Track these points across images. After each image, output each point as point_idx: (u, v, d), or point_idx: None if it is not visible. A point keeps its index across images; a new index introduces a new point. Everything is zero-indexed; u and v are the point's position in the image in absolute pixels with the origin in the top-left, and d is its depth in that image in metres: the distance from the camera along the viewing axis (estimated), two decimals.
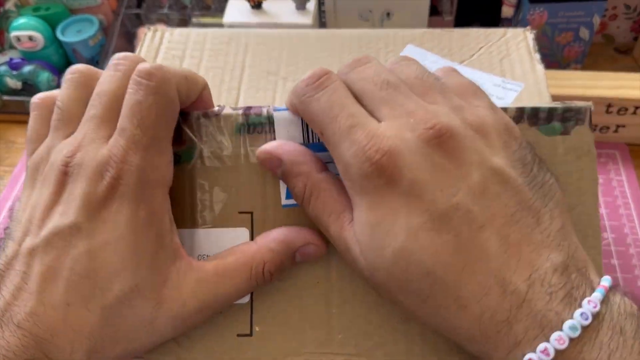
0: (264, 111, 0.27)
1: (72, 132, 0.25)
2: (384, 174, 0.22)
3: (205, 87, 0.28)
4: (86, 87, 0.26)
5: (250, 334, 0.27)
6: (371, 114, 0.24)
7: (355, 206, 0.23)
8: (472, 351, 0.22)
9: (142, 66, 0.25)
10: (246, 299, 0.27)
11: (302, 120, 0.27)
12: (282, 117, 0.27)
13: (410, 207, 0.22)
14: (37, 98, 0.27)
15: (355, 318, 0.27)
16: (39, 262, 0.23)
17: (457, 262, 0.21)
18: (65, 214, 0.23)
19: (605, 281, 0.22)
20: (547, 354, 0.20)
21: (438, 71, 0.27)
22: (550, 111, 0.27)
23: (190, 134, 0.28)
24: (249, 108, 0.27)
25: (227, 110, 0.28)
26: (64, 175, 0.24)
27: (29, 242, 0.23)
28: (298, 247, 0.26)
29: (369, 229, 0.22)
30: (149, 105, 0.24)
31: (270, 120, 0.27)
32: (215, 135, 0.27)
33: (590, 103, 0.28)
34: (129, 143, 0.24)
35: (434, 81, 0.25)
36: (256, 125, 0.27)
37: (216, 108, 0.28)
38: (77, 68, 0.27)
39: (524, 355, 0.20)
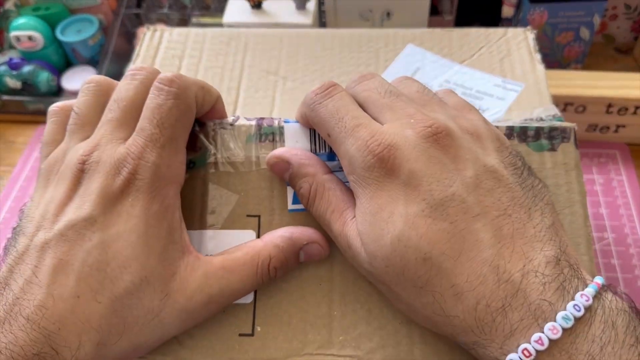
0: (276, 122, 0.29)
1: (88, 136, 0.26)
2: (385, 165, 0.23)
3: (219, 99, 0.30)
4: (103, 96, 0.27)
5: (252, 334, 0.27)
6: (374, 118, 0.25)
7: (357, 198, 0.25)
8: (467, 342, 0.22)
9: (163, 74, 0.27)
10: (249, 299, 0.27)
11: (310, 131, 0.29)
12: (291, 128, 0.29)
13: (409, 196, 0.23)
14: (54, 106, 0.28)
15: (357, 320, 0.27)
16: (52, 255, 0.23)
17: (453, 249, 0.22)
18: (80, 208, 0.24)
19: (598, 279, 0.22)
20: (542, 344, 0.20)
21: (437, 92, 0.29)
22: (538, 130, 0.30)
23: (205, 141, 0.29)
24: (261, 119, 0.29)
25: (242, 121, 0.30)
26: (81, 172, 0.25)
27: (41, 236, 0.24)
28: (302, 245, 0.26)
29: (370, 217, 0.23)
30: (168, 108, 0.26)
31: (280, 130, 0.29)
32: (229, 143, 0.29)
33: (574, 124, 0.30)
34: (146, 141, 0.25)
35: (433, 96, 0.27)
36: (267, 134, 0.29)
37: (231, 118, 0.30)
38: (93, 78, 0.28)
39: (518, 345, 0.21)
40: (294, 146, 0.29)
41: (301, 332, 0.27)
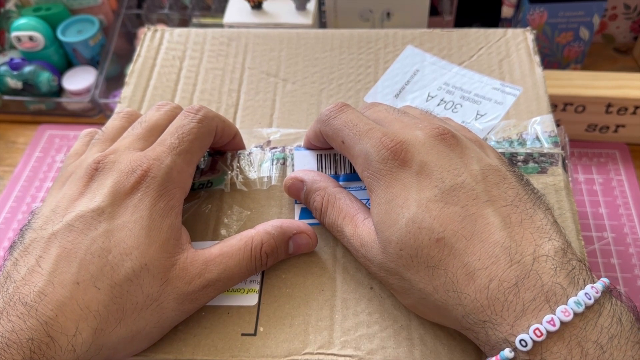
0: (287, 150, 0.33)
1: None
2: (398, 157, 0.25)
3: (237, 133, 0.33)
4: (129, 121, 0.31)
5: (254, 334, 0.27)
6: None
7: (373, 192, 0.26)
8: (477, 322, 0.22)
9: (191, 105, 0.30)
10: (254, 301, 0.28)
11: (317, 156, 0.32)
12: (300, 154, 0.33)
13: (421, 183, 0.25)
14: (87, 130, 0.32)
15: (358, 323, 0.27)
16: (57, 244, 0.24)
17: (465, 230, 0.23)
18: (91, 201, 0.25)
19: (605, 279, 0.23)
20: (553, 325, 0.20)
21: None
22: (527, 155, 0.33)
23: (223, 165, 0.33)
24: (274, 148, 0.34)
25: (256, 150, 0.34)
26: (94, 171, 0.27)
27: (49, 229, 0.25)
28: (292, 234, 0.28)
29: (385, 205, 0.25)
30: (190, 128, 0.29)
31: (291, 156, 0.33)
32: (244, 166, 0.33)
33: (561, 150, 0.33)
34: (164, 148, 0.28)
35: (436, 116, 0.30)
36: (279, 159, 0.33)
37: (247, 150, 0.34)
38: (124, 108, 0.32)
39: (529, 325, 0.21)
40: (303, 168, 0.31)
41: (303, 332, 0.27)
